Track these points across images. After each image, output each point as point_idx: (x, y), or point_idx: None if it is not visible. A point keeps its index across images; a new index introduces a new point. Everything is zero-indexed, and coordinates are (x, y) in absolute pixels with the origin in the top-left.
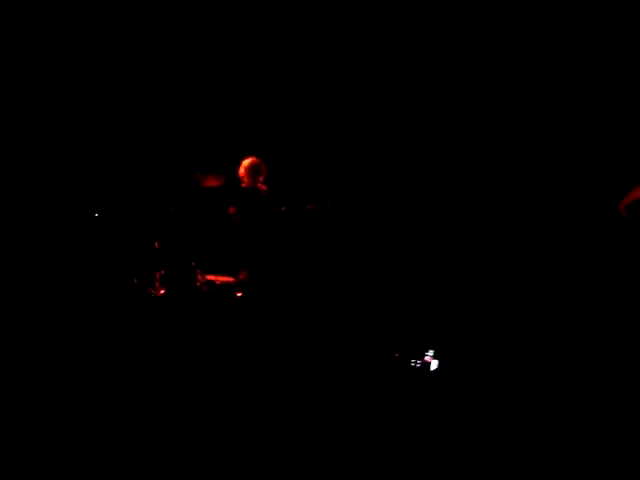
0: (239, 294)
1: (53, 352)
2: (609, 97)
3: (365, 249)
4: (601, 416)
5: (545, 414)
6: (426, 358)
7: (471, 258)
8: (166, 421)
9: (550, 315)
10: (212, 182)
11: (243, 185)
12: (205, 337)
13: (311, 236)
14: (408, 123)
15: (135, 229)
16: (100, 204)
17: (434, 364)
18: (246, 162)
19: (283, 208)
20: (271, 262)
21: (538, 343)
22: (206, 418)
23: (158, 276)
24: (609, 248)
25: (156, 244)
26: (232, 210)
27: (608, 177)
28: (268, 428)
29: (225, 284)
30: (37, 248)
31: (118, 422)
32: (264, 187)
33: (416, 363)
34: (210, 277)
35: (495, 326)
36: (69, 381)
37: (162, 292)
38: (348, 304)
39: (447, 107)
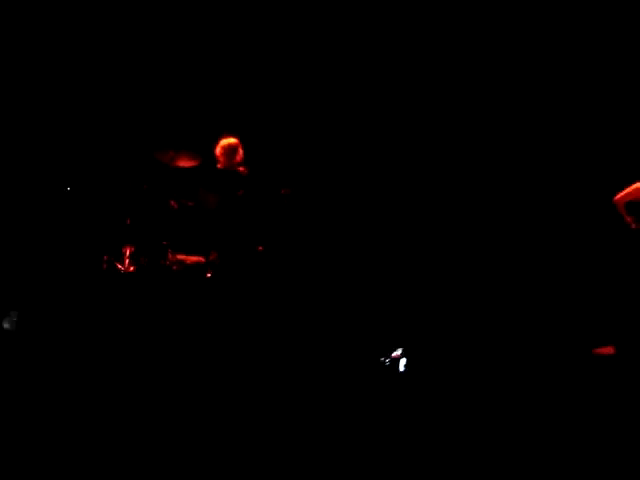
0: (209, 275)
1: (24, 327)
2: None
3: (337, 236)
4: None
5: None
6: (394, 355)
7: (444, 252)
8: (138, 399)
9: (527, 312)
10: (187, 162)
11: (219, 166)
12: (173, 317)
13: (284, 220)
14: (387, 108)
15: (107, 205)
16: (72, 178)
17: (403, 361)
18: (223, 142)
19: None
20: (242, 244)
21: (512, 341)
22: (176, 397)
23: (128, 253)
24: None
25: (128, 220)
26: (206, 191)
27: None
28: (235, 412)
29: (195, 264)
30: (7, 223)
31: (87, 399)
32: (242, 169)
33: (385, 360)
34: (180, 257)
35: (465, 323)
36: (40, 356)
37: (131, 269)
38: (318, 290)
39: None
